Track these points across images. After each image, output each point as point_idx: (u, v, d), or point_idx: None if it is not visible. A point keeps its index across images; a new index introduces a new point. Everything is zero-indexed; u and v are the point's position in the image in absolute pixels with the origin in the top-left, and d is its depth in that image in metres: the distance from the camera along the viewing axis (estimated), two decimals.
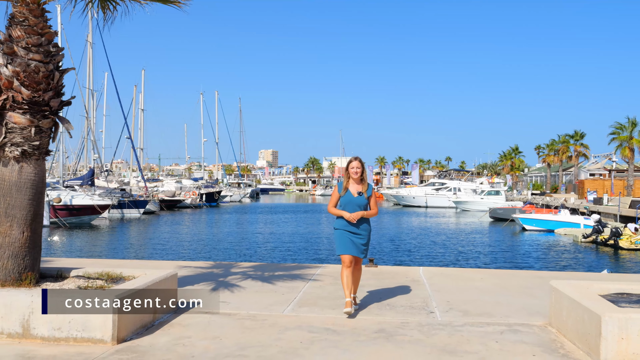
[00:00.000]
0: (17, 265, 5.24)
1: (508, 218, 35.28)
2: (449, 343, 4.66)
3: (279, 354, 4.31)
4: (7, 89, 5.21)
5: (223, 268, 8.43)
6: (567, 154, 61.30)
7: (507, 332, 5.03)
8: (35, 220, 5.40)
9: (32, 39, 5.27)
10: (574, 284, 5.23)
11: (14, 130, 5.24)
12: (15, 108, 5.23)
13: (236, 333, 4.89)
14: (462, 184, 60.64)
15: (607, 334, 4.07)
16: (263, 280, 7.36)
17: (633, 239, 22.39)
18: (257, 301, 6.15)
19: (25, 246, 5.30)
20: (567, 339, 4.77)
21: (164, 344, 4.57)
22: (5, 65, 5.19)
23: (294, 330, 5.01)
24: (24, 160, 5.30)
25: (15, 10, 5.29)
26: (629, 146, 45.58)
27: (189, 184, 62.15)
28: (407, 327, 5.15)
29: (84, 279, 5.64)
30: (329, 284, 7.19)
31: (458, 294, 6.66)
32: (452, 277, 7.98)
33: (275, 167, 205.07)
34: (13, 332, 4.62)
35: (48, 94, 5.38)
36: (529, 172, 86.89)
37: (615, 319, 4.09)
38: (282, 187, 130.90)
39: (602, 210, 36.08)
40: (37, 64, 5.26)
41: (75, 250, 22.65)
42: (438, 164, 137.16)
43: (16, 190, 5.27)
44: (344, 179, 5.80)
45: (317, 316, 5.54)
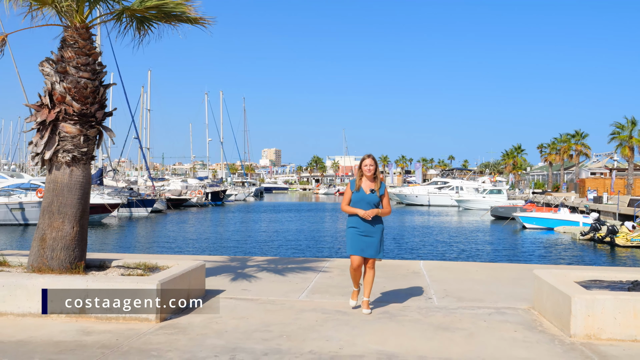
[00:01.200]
0: (68, 255, 6.04)
1: (509, 216, 35.97)
2: (443, 322, 5.42)
3: (298, 330, 5.08)
4: (60, 103, 6.00)
5: (239, 262, 9.20)
6: (568, 153, 61.91)
7: (494, 314, 5.79)
8: (82, 216, 6.19)
9: (81, 59, 6.06)
10: (554, 272, 5.99)
11: (65, 138, 6.03)
12: (67, 119, 6.02)
13: (260, 314, 5.66)
14: (464, 183, 61.27)
15: (576, 312, 4.83)
16: (277, 272, 8.12)
17: (629, 236, 23.08)
18: (274, 289, 6.92)
19: (75, 239, 6.09)
20: (546, 319, 5.53)
21: (199, 322, 5.34)
22: (59, 82, 5.98)
23: (310, 312, 5.78)
24: (74, 164, 6.09)
25: (67, 34, 6.08)
26: (629, 145, 46.20)
27: (195, 183, 62.99)
28: (408, 310, 5.92)
29: (124, 268, 6.43)
30: (337, 275, 7.94)
31: (454, 284, 7.41)
32: (450, 269, 8.73)
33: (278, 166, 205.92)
34: (71, 312, 5.39)
35: (94, 106, 6.17)
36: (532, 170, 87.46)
37: (583, 299, 4.85)
38: (285, 186, 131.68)
39: (602, 208, 36.72)
40: (86, 80, 6.05)
41: (90, 247, 23.44)
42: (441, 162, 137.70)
43: (67, 190, 6.06)
44: (357, 176, 5.77)
45: (329, 301, 6.30)
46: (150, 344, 4.63)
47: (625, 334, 4.76)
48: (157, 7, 5.93)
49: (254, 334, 4.92)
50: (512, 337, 4.92)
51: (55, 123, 6.01)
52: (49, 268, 5.89)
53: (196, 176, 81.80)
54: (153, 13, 6.11)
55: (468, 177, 67.14)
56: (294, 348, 4.54)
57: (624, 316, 4.77)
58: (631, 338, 4.75)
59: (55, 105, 6.00)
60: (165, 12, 6.05)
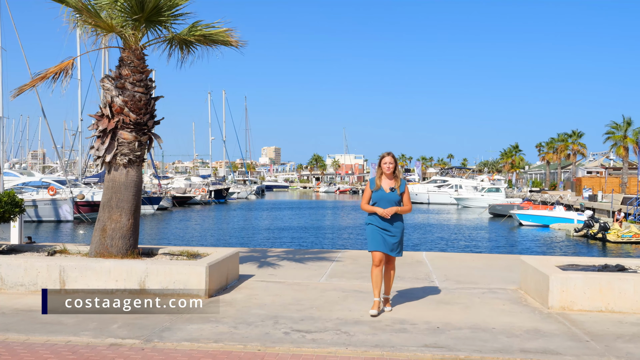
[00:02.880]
0: (125, 243, 7.10)
1: (506, 214, 37.09)
2: (444, 298, 6.50)
3: (325, 303, 6.15)
4: (118, 114, 7.06)
5: (259, 253, 10.27)
6: (565, 152, 63.08)
7: (487, 292, 6.86)
8: (136, 210, 7.25)
9: (136, 76, 7.11)
10: (538, 258, 7.07)
11: (123, 144, 7.09)
12: (124, 128, 7.08)
13: (290, 292, 6.72)
14: (463, 181, 62.37)
15: (553, 288, 5.90)
16: (296, 260, 9.18)
17: (619, 233, 24.18)
18: (297, 274, 7.98)
19: (130, 230, 7.16)
20: (530, 296, 6.60)
21: (241, 299, 6.41)
22: (118, 96, 7.04)
23: (331, 291, 6.85)
24: (129, 166, 7.15)
25: (124, 55, 7.13)
26: (624, 145, 47.33)
27: (198, 181, 64.08)
28: (415, 290, 6.98)
29: (169, 255, 7.49)
30: (350, 264, 9.00)
31: (454, 270, 8.48)
32: (450, 259, 9.81)
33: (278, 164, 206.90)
34: (132, 289, 6.45)
35: (146, 116, 7.23)
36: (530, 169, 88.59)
37: (558, 277, 5.93)
38: (286, 184, 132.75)
39: (597, 206, 37.83)
40: (140, 95, 7.11)
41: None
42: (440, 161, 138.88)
43: (124, 188, 7.12)
44: (376, 175, 5.73)
45: (346, 283, 7.37)
46: (206, 313, 5.69)
47: (593, 305, 5.83)
48: (203, 35, 6.99)
49: (289, 306, 5.99)
50: (501, 309, 6.00)
51: (114, 131, 7.07)
52: (109, 254, 6.96)
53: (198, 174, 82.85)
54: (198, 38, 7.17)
55: (467, 176, 68.24)
56: (324, 316, 5.61)
57: (591, 291, 5.85)
58: (597, 309, 5.83)
59: (114, 116, 7.06)
60: (208, 38, 7.11)
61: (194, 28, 7.11)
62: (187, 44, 7.35)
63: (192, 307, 5.94)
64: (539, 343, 4.76)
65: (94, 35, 7.01)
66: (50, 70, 7.11)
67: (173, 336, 4.86)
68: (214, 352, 4.45)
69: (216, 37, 7.05)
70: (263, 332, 5.00)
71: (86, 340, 4.74)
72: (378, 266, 5.73)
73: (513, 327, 5.28)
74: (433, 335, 4.98)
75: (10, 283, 6.63)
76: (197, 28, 7.12)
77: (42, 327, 5.08)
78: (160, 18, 6.83)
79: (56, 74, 7.07)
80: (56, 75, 7.07)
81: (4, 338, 4.76)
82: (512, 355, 4.42)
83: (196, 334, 4.92)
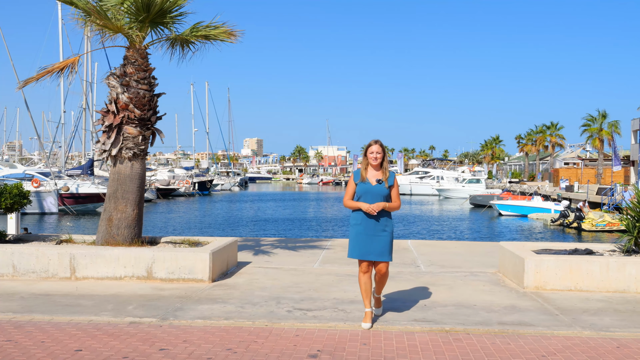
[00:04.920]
0: (130, 233, 7.54)
1: (486, 204, 38.02)
2: (430, 280, 7.06)
3: (322, 286, 6.67)
4: (123, 110, 7.46)
5: (253, 241, 10.75)
6: (543, 143, 64.42)
7: (469, 275, 7.45)
8: (140, 201, 7.67)
9: (140, 74, 7.52)
10: (515, 243, 7.68)
11: (128, 138, 7.50)
12: (129, 123, 7.49)
13: (288, 276, 7.23)
14: (444, 173, 63.40)
15: (527, 269, 6.50)
16: (289, 248, 9.69)
17: (594, 222, 25.14)
18: (292, 261, 8.49)
19: (135, 220, 7.59)
20: (508, 278, 7.20)
21: (242, 283, 6.89)
22: (123, 93, 7.44)
23: (326, 275, 7.37)
24: (134, 159, 7.56)
25: (128, 54, 7.52)
26: (599, 137, 48.66)
27: (182, 173, 64.10)
28: (402, 273, 7.54)
29: (172, 243, 7.93)
30: (340, 251, 9.52)
31: (437, 256, 9.06)
32: (433, 246, 10.40)
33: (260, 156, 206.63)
34: (140, 275, 6.90)
35: (150, 112, 7.64)
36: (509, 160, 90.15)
37: (533, 260, 6.53)
38: (269, 175, 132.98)
39: (573, 197, 38.96)
40: (144, 92, 7.52)
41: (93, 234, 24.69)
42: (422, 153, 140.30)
43: (129, 180, 7.54)
44: (362, 166, 5.01)
45: (339, 268, 7.90)
46: (213, 295, 6.17)
47: (563, 285, 6.45)
48: (205, 35, 7.42)
49: (289, 289, 6.50)
50: (481, 289, 6.59)
51: (120, 126, 7.47)
52: (116, 242, 7.39)
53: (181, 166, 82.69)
54: (199, 38, 7.59)
55: (448, 167, 69.35)
56: (322, 296, 6.13)
57: (562, 272, 6.46)
58: (567, 288, 6.44)
59: (119, 112, 7.46)
60: (209, 38, 7.54)
61: (195, 29, 7.54)
62: (188, 42, 7.76)
63: (199, 290, 6.43)
64: (515, 317, 5.35)
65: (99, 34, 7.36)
66: (56, 65, 7.48)
67: (186, 315, 5.34)
68: (226, 327, 4.94)
69: (216, 36, 7.47)
70: (268, 311, 5.50)
71: (107, 319, 5.19)
72: (366, 272, 5.01)
73: (492, 304, 5.86)
74: (421, 311, 5.53)
75: (23, 270, 7.02)
76: (198, 29, 7.54)
77: (64, 309, 5.51)
78: (164, 20, 7.23)
79: (62, 69, 7.44)
80: (62, 70, 7.44)
81: (30, 318, 5.19)
82: (491, 327, 4.99)
83: (207, 313, 5.40)
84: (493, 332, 4.85)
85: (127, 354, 4.18)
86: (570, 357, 4.22)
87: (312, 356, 4.18)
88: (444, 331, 4.89)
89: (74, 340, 4.49)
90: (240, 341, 4.53)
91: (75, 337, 4.60)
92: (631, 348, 4.44)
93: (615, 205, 31.31)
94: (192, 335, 4.68)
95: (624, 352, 4.34)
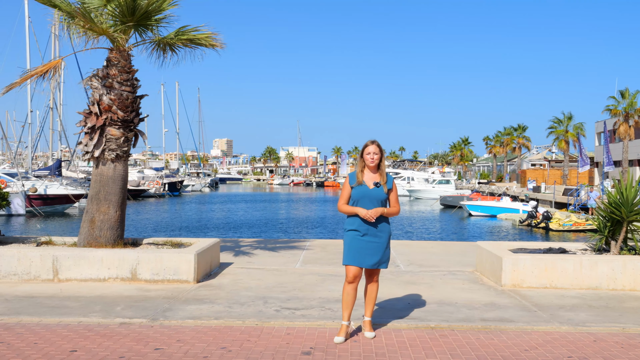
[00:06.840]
0: (112, 234, 7.52)
1: (456, 205, 38.70)
2: (410, 279, 7.26)
3: (306, 285, 6.79)
4: (106, 112, 7.44)
5: (232, 242, 10.79)
6: (511, 145, 65.88)
7: (448, 274, 7.68)
8: (123, 203, 7.66)
9: (123, 76, 7.51)
10: (492, 243, 7.94)
11: (110, 140, 7.48)
12: (112, 124, 7.47)
13: (272, 277, 7.33)
14: (415, 174, 64.14)
15: (505, 267, 6.75)
16: (269, 249, 9.77)
17: (561, 222, 25.90)
18: (273, 261, 8.58)
19: (117, 221, 7.57)
20: (485, 276, 7.45)
21: (227, 283, 6.96)
22: (105, 95, 7.42)
23: (309, 275, 7.49)
24: (117, 161, 7.55)
25: (111, 55, 7.51)
26: (565, 139, 50.05)
27: (151, 174, 63.27)
28: (382, 273, 7.68)
29: (154, 244, 7.93)
30: (320, 251, 9.66)
31: (415, 256, 9.28)
32: (411, 246, 10.63)
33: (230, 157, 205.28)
34: (124, 277, 6.90)
35: (132, 114, 7.64)
36: (478, 162, 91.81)
37: (510, 259, 6.78)
38: (239, 176, 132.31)
39: (540, 197, 40.01)
40: (127, 93, 7.51)
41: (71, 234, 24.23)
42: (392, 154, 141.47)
43: (112, 182, 7.53)
44: (358, 168, 4.74)
45: (320, 268, 8.03)
46: (199, 296, 6.23)
47: (539, 283, 6.72)
48: (189, 39, 7.46)
49: (274, 289, 6.60)
50: (461, 287, 6.81)
51: (102, 128, 7.45)
52: (98, 244, 7.36)
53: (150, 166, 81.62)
54: (184, 42, 7.62)
55: (418, 168, 70.18)
56: (308, 296, 6.25)
57: (538, 270, 6.73)
58: (543, 286, 6.72)
59: (102, 113, 7.44)
60: (193, 42, 7.58)
61: (180, 32, 7.57)
62: (172, 46, 7.78)
63: (185, 291, 6.47)
64: (495, 313, 5.57)
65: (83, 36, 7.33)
66: (39, 68, 7.41)
67: (176, 315, 5.39)
68: (217, 327, 5.02)
69: (201, 41, 7.52)
70: (256, 310, 5.59)
71: (96, 320, 5.20)
72: (352, 283, 4.65)
73: (473, 301, 6.08)
74: (406, 309, 5.71)
75: (4, 272, 6.94)
76: (183, 33, 7.57)
77: (51, 310, 5.50)
78: (148, 22, 7.25)
79: (45, 72, 7.38)
80: (45, 73, 7.38)
81: (18, 320, 5.16)
82: (474, 324, 5.20)
83: (197, 313, 5.47)
84: (476, 329, 5.05)
85: (122, 354, 4.22)
86: (551, 350, 4.44)
87: (306, 353, 4.30)
88: (430, 328, 5.07)
89: (66, 341, 4.51)
90: (233, 340, 4.62)
91: (67, 338, 4.61)
92: (607, 342, 4.70)
93: (580, 206, 32.30)
94: (185, 335, 4.75)
95: (601, 346, 4.59)
